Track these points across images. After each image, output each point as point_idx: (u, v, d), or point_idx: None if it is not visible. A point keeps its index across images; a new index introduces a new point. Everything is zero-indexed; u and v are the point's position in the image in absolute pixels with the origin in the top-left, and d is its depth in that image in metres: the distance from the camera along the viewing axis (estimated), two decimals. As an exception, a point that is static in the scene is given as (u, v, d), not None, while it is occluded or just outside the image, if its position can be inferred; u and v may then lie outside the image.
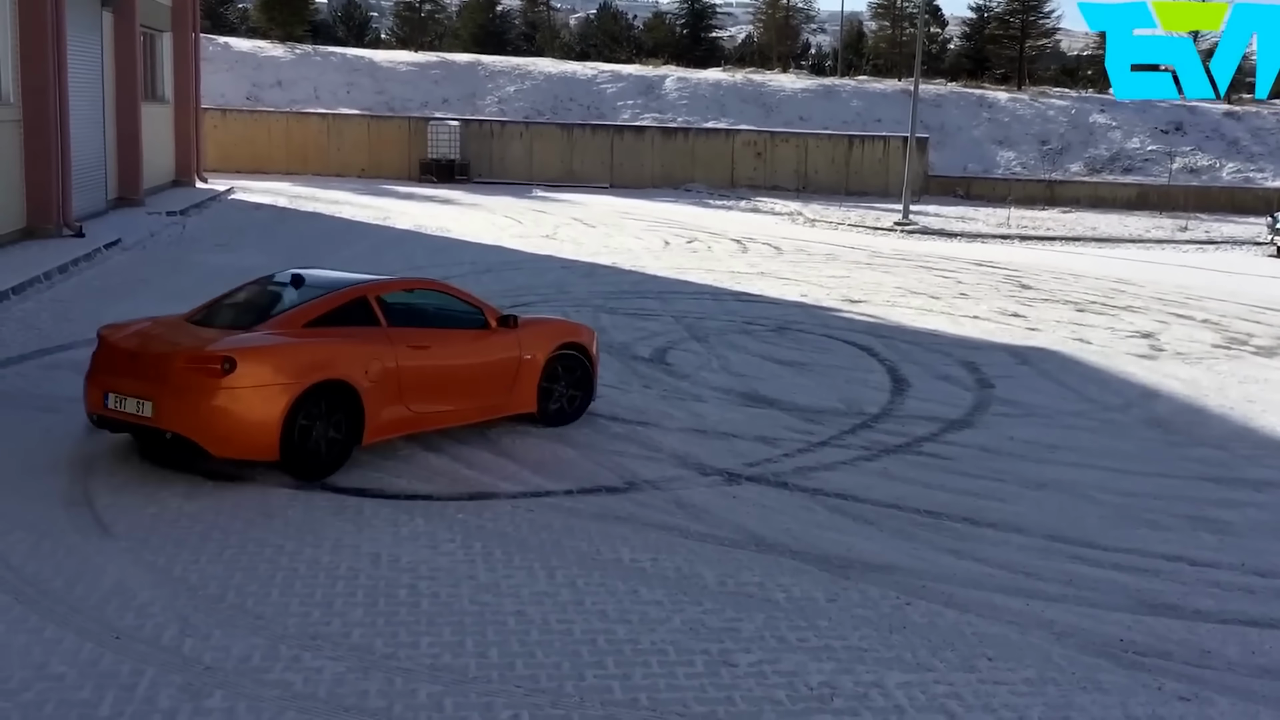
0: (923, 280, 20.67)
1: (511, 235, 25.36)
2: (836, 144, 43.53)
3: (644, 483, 8.53)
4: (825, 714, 5.27)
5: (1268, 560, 7.47)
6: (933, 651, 5.93)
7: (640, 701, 5.31)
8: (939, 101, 46.82)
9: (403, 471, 8.56)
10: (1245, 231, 32.72)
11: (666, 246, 24.50)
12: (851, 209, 35.71)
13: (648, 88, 47.44)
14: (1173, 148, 44.75)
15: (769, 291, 18.45)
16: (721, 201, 37.45)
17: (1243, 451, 10.18)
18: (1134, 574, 7.14)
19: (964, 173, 43.78)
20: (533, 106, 45.72)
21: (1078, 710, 5.39)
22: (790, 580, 6.79)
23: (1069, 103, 49.03)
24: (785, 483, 8.67)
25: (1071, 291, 19.94)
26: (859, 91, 48.70)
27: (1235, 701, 5.54)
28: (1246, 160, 45.20)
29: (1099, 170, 44.51)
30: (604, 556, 7.04)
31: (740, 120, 45.07)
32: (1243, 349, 14.95)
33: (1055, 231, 32.05)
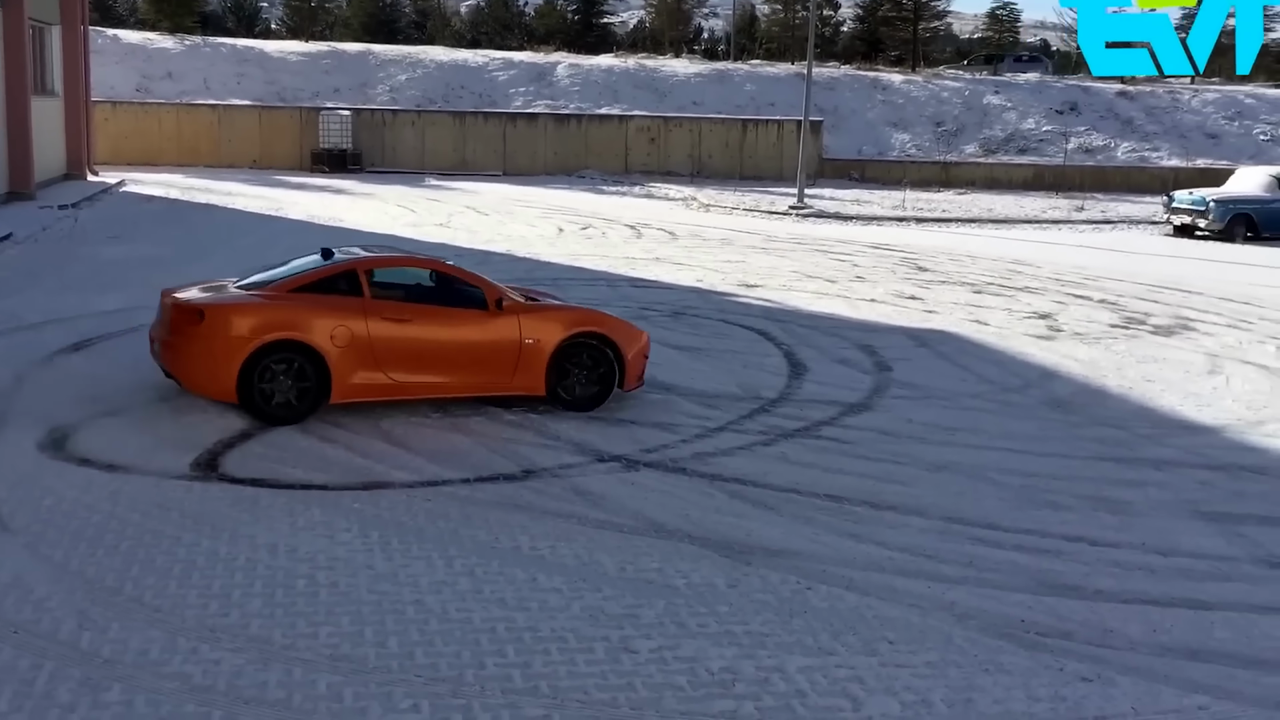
0: (819, 264, 20.76)
1: (405, 224, 24.94)
2: (730, 128, 43.68)
3: (542, 470, 8.37)
4: (727, 699, 5.17)
5: (1168, 539, 7.54)
6: (834, 635, 5.87)
7: (541, 689, 5.18)
8: (833, 84, 47.24)
9: (298, 461, 8.35)
10: (1141, 211, 33.52)
11: (561, 233, 24.31)
12: (746, 193, 35.83)
13: (540, 75, 47.14)
14: (1068, 128, 45.68)
15: (664, 277, 18.37)
16: (616, 188, 37.34)
17: (1142, 431, 10.31)
18: (1035, 555, 7.16)
19: (859, 155, 44.23)
20: (424, 95, 45.17)
21: (980, 692, 5.36)
22: (690, 566, 6.69)
23: (963, 84, 49.83)
24: (684, 468, 8.57)
25: (968, 273, 20.17)
26: (752, 75, 48.93)
27: (1137, 681, 5.55)
28: (1141, 140, 46.36)
29: (994, 151, 45.28)
30: (502, 545, 6.89)
31: (633, 106, 45.01)
32: (1140, 328, 15.22)
33: (951, 213, 32.47)
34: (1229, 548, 7.43)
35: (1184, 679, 5.60)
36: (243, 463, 8.26)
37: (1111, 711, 5.25)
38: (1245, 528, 7.80)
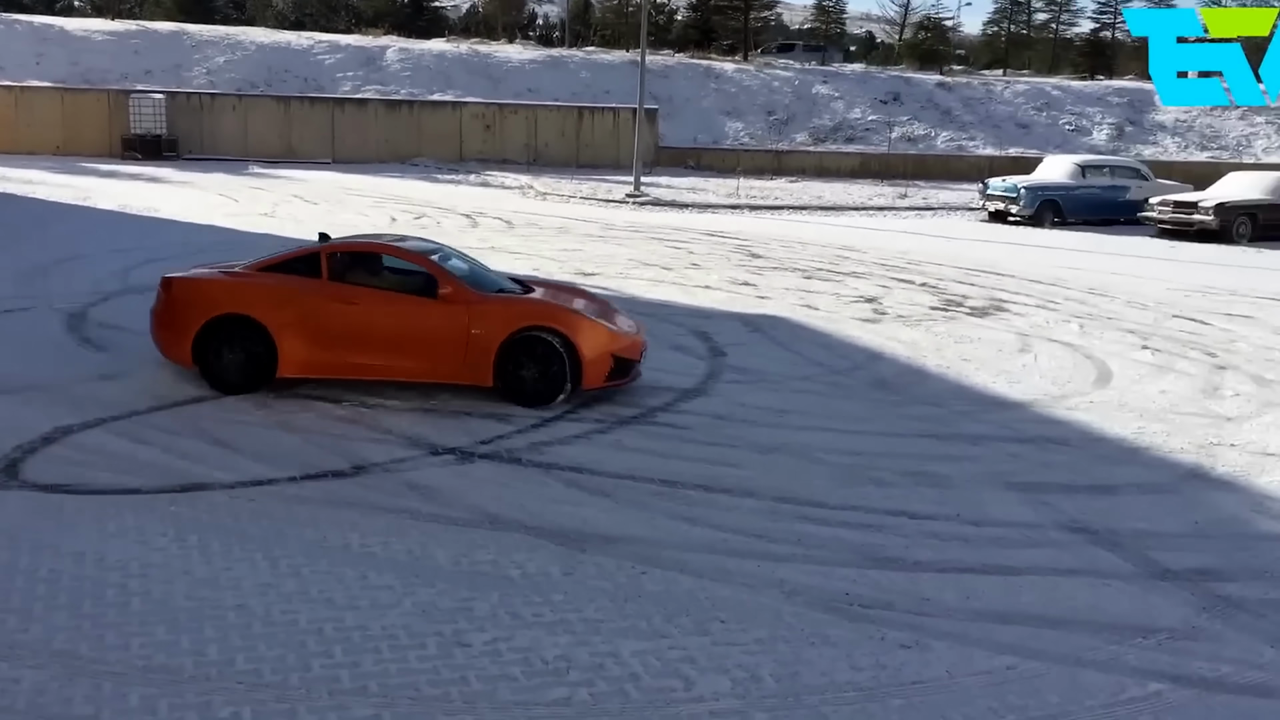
0: (655, 251, 20.95)
1: (226, 214, 24.26)
2: (566, 116, 43.71)
3: (372, 465, 8.27)
4: (561, 687, 5.22)
5: (981, 510, 7.86)
6: (667, 618, 5.97)
7: (370, 688, 5.13)
8: (667, 73, 47.65)
9: (108, 465, 8.04)
10: (959, 198, 34.74)
11: (393, 223, 23.97)
12: (583, 181, 35.92)
13: (368, 59, 46.35)
14: (891, 118, 47.07)
15: (501, 266, 18.13)
16: (450, 176, 37.01)
17: (958, 408, 10.69)
18: (859, 530, 7.38)
19: (694, 144, 44.76)
20: (245, 79, 43.94)
21: (806, 665, 5.53)
22: (525, 556, 6.70)
23: (793, 74, 50.78)
24: (519, 459, 8.57)
25: (799, 259, 20.60)
26: (587, 63, 49.03)
27: (952, 645, 5.80)
28: (959, 129, 48.00)
29: (823, 140, 46.36)
30: (331, 543, 6.78)
31: (467, 92, 44.65)
32: (958, 310, 15.76)
33: (783, 201, 33.14)
34: (1036, 516, 7.79)
35: (994, 641, 5.86)
36: (45, 468, 7.89)
37: (928, 675, 5.47)
38: (1050, 496, 8.18)
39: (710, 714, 5.05)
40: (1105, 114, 50.58)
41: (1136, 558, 7.09)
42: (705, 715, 5.04)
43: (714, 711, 5.07)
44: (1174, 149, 48.18)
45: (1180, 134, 49.54)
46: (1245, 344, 13.97)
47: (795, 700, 5.20)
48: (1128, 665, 5.69)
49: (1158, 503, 8.20)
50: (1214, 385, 11.79)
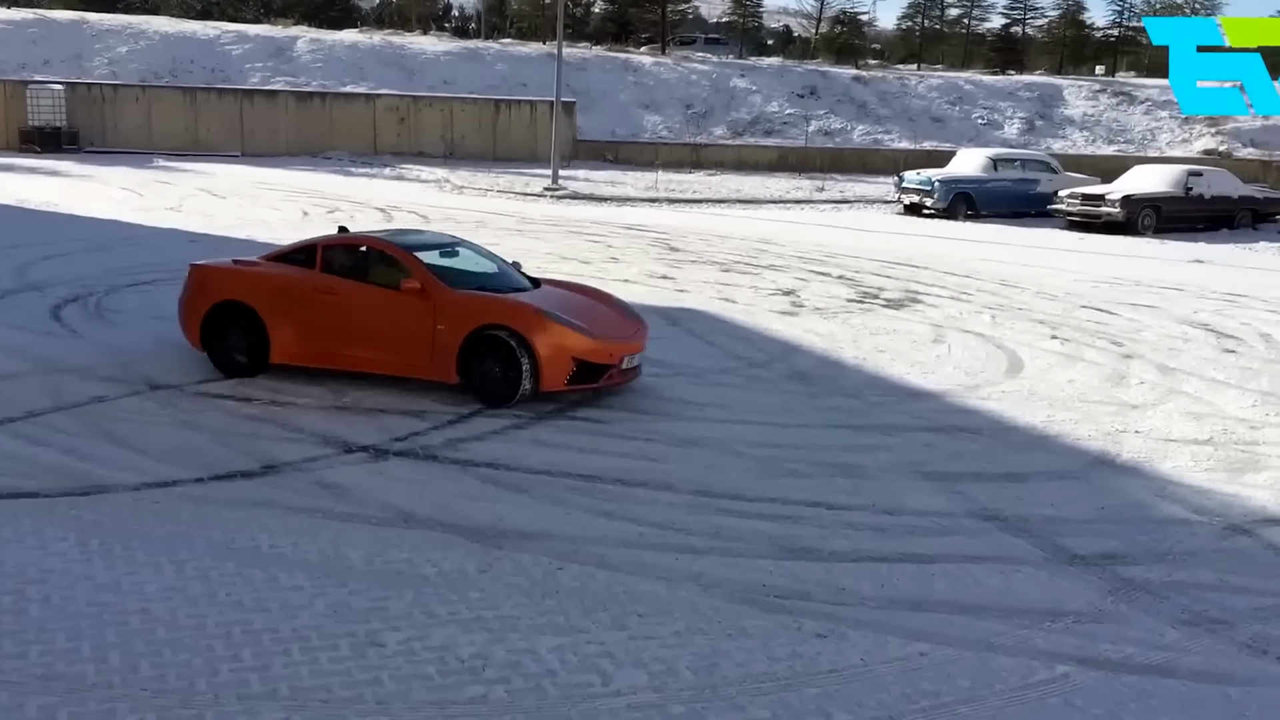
0: (573, 245, 20.89)
1: (131, 209, 23.75)
2: (483, 109, 43.42)
3: (283, 465, 8.12)
4: (477, 685, 5.16)
5: (896, 499, 7.93)
6: (585, 613, 5.94)
7: (280, 692, 5.02)
8: (585, 65, 47.54)
9: (4, 468, 7.81)
10: (875, 191, 35.11)
11: (306, 218, 23.64)
12: (500, 175, 35.72)
13: (278, 50, 45.60)
14: (808, 111, 47.44)
15: (416, 260, 18.07)
16: (365, 169, 36.60)
17: (874, 399, 10.78)
18: (776, 521, 7.41)
19: (612, 137, 44.72)
20: (149, 69, 43.00)
21: (723, 657, 5.53)
22: (440, 554, 6.63)
23: (711, 67, 50.96)
24: (435, 456, 8.48)
25: (717, 252, 20.65)
26: (504, 55, 48.76)
27: (867, 634, 5.84)
28: (874, 123, 48.53)
29: (741, 133, 46.60)
30: (240, 545, 6.64)
31: (381, 84, 44.16)
32: (874, 302, 15.91)
33: (701, 194, 33.23)
34: (948, 504, 7.88)
35: (908, 629, 5.92)
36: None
37: (843, 664, 5.51)
38: (962, 485, 8.29)
39: (628, 708, 5.03)
40: (1016, 108, 51.45)
41: (1045, 543, 7.20)
42: (623, 709, 5.02)
43: (631, 705, 5.05)
44: (1082, 143, 49.15)
45: (1088, 128, 50.55)
46: (1150, 333, 14.28)
47: (713, 692, 5.20)
48: (1036, 649, 5.77)
49: (1066, 489, 8.34)
50: (1120, 374, 12.03)
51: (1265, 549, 7.34)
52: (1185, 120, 50.52)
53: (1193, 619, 6.19)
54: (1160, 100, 51.88)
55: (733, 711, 5.04)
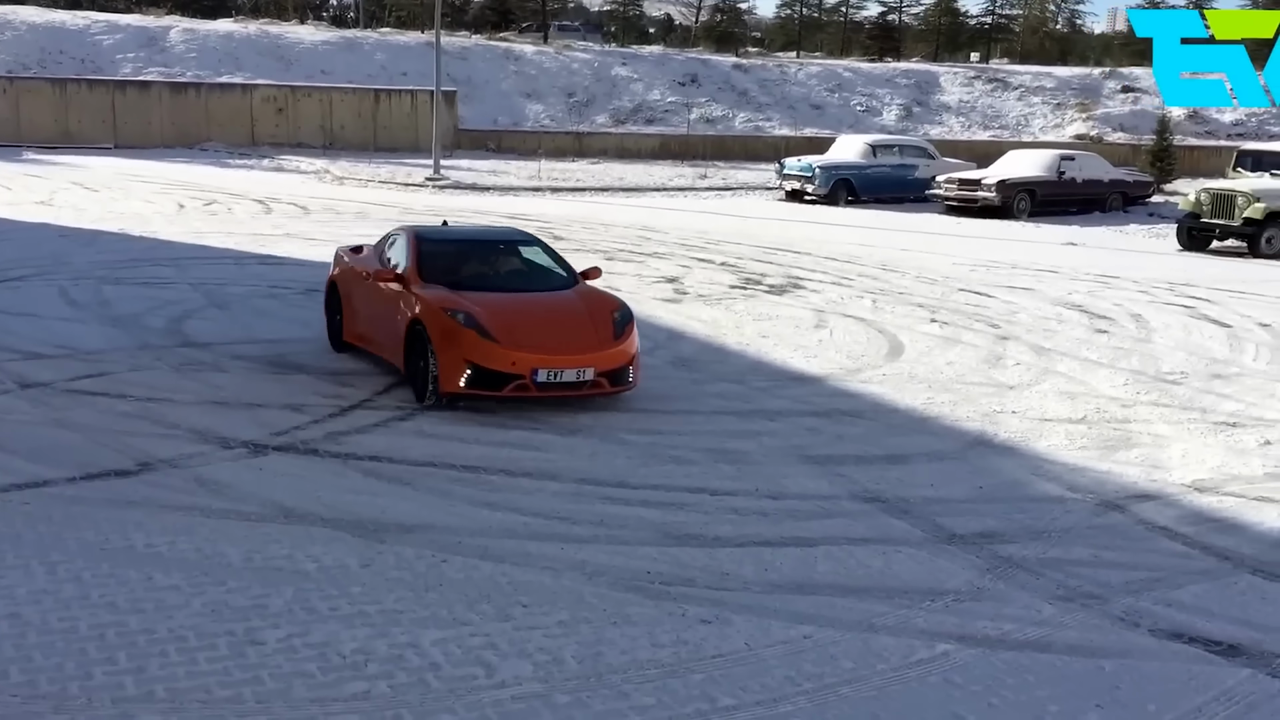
0: (454, 235, 20.68)
1: None
2: (363, 99, 42.81)
3: (159, 462, 7.91)
4: (359, 681, 5.09)
5: (779, 484, 8.01)
6: (469, 605, 5.89)
7: (157, 694, 4.89)
8: (465, 54, 47.14)
9: None
10: (757, 178, 35.44)
11: (182, 210, 23.09)
12: (382, 165, 35.27)
13: (151, 40, 44.40)
14: (690, 99, 47.63)
15: (296, 253, 17.81)
16: (242, 161, 35.83)
17: (758, 384, 10.87)
18: (660, 509, 7.43)
19: (494, 126, 44.44)
20: (16, 60, 41.57)
21: (608, 645, 5.53)
22: (322, 549, 6.52)
23: (592, 55, 50.91)
24: (316, 450, 8.35)
25: (601, 241, 20.65)
26: (383, 44, 48.11)
27: (750, 618, 5.88)
28: (755, 110, 48.91)
29: (623, 121, 46.63)
30: (114, 545, 6.45)
31: (257, 75, 43.23)
32: (757, 288, 16.06)
33: (585, 182, 33.21)
34: (831, 488, 8.00)
35: (792, 612, 5.98)
36: None
37: (727, 649, 5.54)
38: (845, 468, 8.42)
39: (513, 699, 5.01)
40: (894, 95, 52.30)
41: (925, 524, 7.35)
42: (508, 701, 4.99)
43: (516, 696, 5.03)
44: (958, 128, 50.18)
45: (964, 114, 51.63)
46: (1025, 315, 14.67)
47: (598, 680, 5.20)
48: (917, 628, 5.88)
49: (945, 470, 8.51)
50: (997, 355, 12.34)
51: (1137, 524, 7.55)
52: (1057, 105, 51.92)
53: (1068, 594, 6.36)
54: (1033, 86, 53.20)
55: (618, 699, 5.04)
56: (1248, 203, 21.70)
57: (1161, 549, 7.14)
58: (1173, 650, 5.76)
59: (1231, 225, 22.04)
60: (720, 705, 5.04)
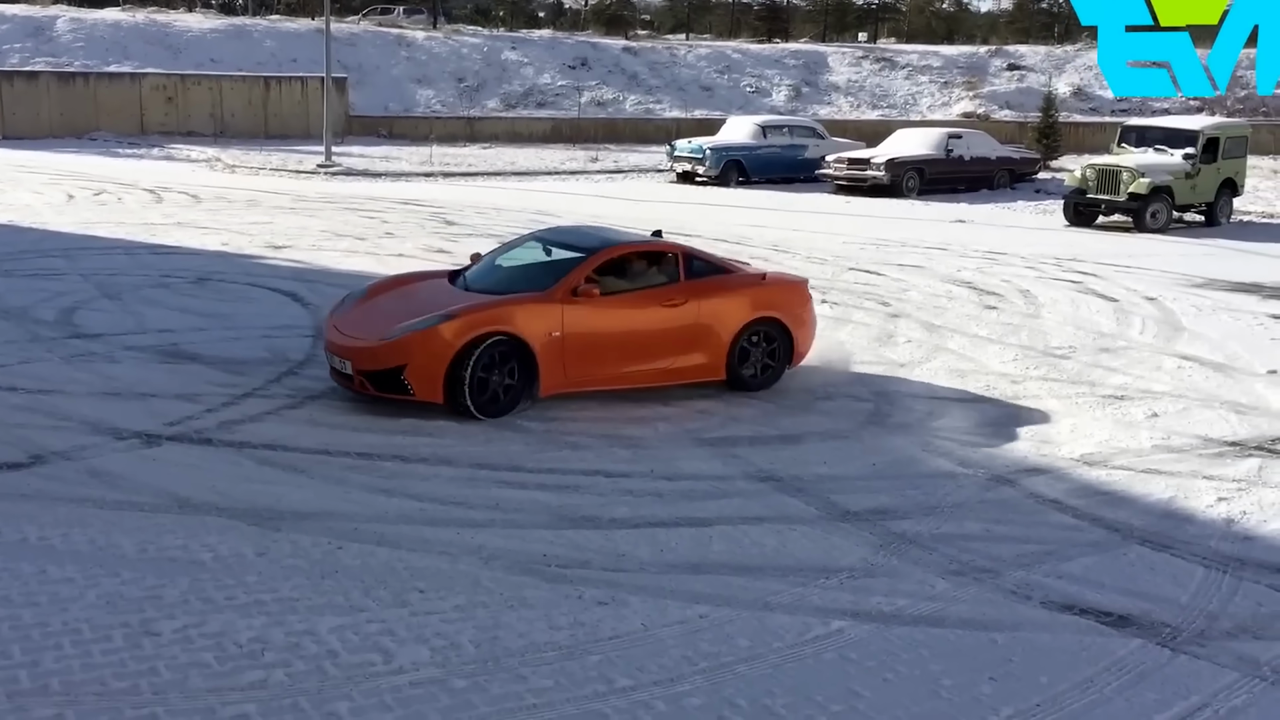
0: (348, 222, 20.53)
1: (-124, 196, 22.18)
2: (253, 86, 42.00)
3: (51, 454, 7.80)
4: (256, 670, 5.10)
5: (674, 466, 8.13)
6: (365, 592, 5.92)
7: (51, 687, 4.86)
8: (355, 41, 46.49)
9: None
10: (649, 160, 35.51)
11: (71, 200, 22.52)
12: (273, 152, 34.72)
13: (37, 29, 43.06)
14: (580, 83, 47.52)
15: (187, 242, 17.51)
16: (132, 150, 34.98)
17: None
18: (556, 492, 7.52)
19: (386, 112, 43.91)
20: (-107, 49, 40.02)
21: (505, 628, 5.60)
22: (217, 539, 6.50)
23: (482, 40, 50.53)
24: (209, 439, 8.29)
25: (494, 225, 20.53)
26: (272, 31, 47.25)
27: (646, 599, 5.99)
28: (646, 93, 48.92)
29: (514, 106, 46.36)
30: (6, 538, 6.37)
31: (146, 63, 42.16)
32: (648, 271, 16.12)
33: (477, 167, 33.02)
34: (725, 468, 8.15)
35: (687, 591, 6.10)
36: None
37: (624, 630, 5.65)
38: (739, 449, 8.58)
39: (410, 685, 5.05)
40: (783, 76, 52.63)
41: (819, 502, 7.52)
42: (405, 686, 5.04)
43: (414, 682, 5.08)
44: (847, 108, 50.70)
45: (853, 94, 52.17)
46: (916, 292, 14.98)
47: (495, 664, 5.26)
48: (812, 605, 6.02)
49: (839, 449, 8.70)
50: (888, 333, 12.60)
51: (1027, 498, 7.79)
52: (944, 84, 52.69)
53: (960, 569, 6.55)
54: (920, 65, 53.92)
55: (515, 682, 5.11)
56: (1132, 178, 22.33)
57: (1052, 522, 7.37)
58: (1064, 622, 5.95)
59: (1117, 200, 22.65)
60: (618, 686, 5.13)
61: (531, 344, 9.00)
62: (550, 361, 9.08)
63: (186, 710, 4.76)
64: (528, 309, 9.18)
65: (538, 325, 9.06)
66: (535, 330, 9.04)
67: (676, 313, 9.70)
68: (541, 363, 9.04)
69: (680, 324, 9.70)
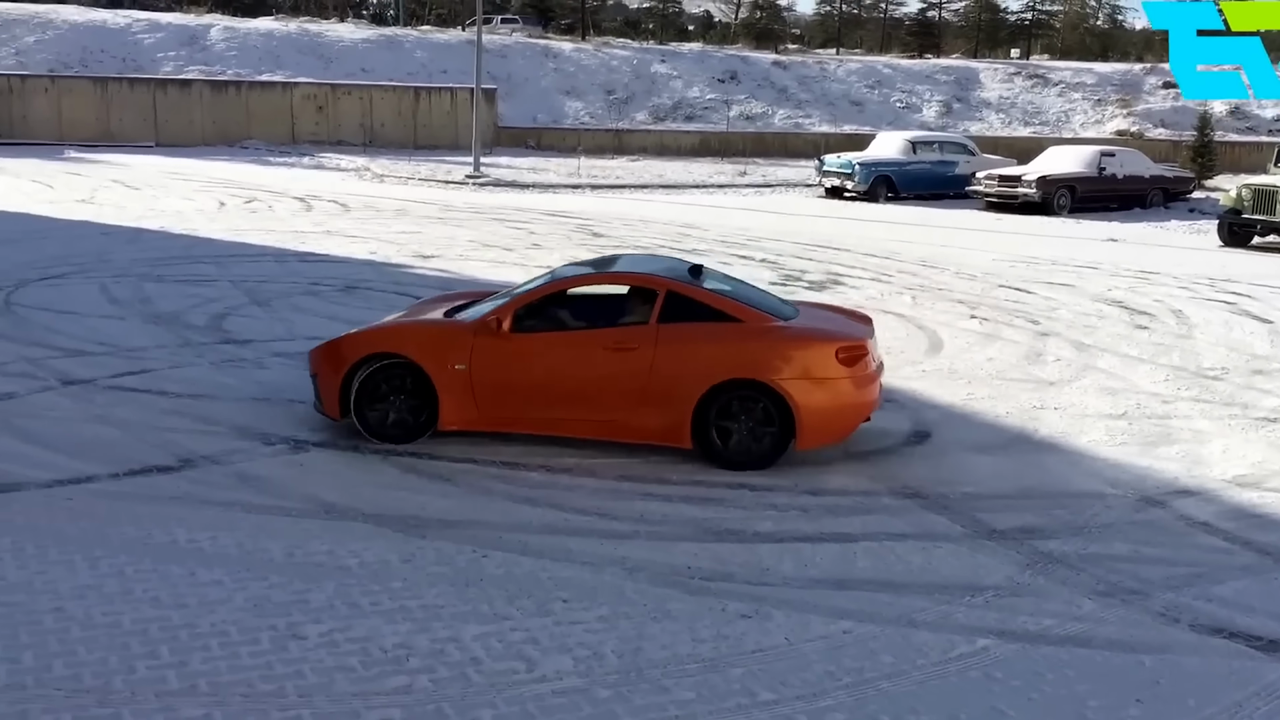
0: (496, 233, 20.77)
1: (41, 201, 23.26)
2: (403, 96, 43.03)
3: (201, 459, 7.98)
4: (400, 675, 5.11)
5: (818, 480, 7.98)
6: (509, 600, 5.90)
7: (199, 688, 4.94)
8: (505, 52, 47.29)
9: (-91, 469, 7.59)
10: (797, 175, 35.31)
11: (222, 208, 23.28)
12: (422, 163, 35.44)
13: (191, 38, 44.83)
14: (729, 96, 47.59)
15: (336, 250, 17.92)
16: (282, 159, 36.11)
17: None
18: (700, 505, 7.42)
19: (534, 124, 44.57)
20: (58, 59, 42.08)
21: (649, 640, 5.53)
22: (363, 545, 6.55)
23: (631, 53, 50.94)
24: (356, 447, 8.38)
25: (641, 237, 20.62)
26: (423, 42, 48.33)
27: (790, 613, 5.87)
28: (795, 107, 48.78)
29: (663, 119, 46.66)
30: (156, 540, 6.51)
31: (298, 73, 43.56)
32: (797, 285, 15.97)
33: (624, 180, 33.21)
34: (870, 484, 7.97)
35: (831, 607, 5.97)
36: None
37: (767, 644, 5.53)
38: (884, 464, 8.38)
39: (553, 693, 5.01)
40: (934, 91, 51.97)
41: (965, 519, 7.30)
42: (548, 695, 5.00)
43: (557, 691, 5.04)
44: (998, 124, 49.80)
45: (1004, 110, 51.22)
46: (1066, 311, 14.53)
47: (638, 675, 5.19)
48: (957, 623, 5.85)
49: (985, 466, 8.45)
50: (1037, 351, 12.23)
51: (1177, 520, 7.49)
52: (1098, 101, 51.41)
53: (1108, 590, 6.31)
54: (1073, 82, 52.70)
55: (658, 694, 5.04)
56: (1290, 198, 21.44)
57: (1202, 544, 7.09)
58: (1213, 645, 5.73)
59: (1273, 221, 21.76)
60: (760, 700, 5.03)
61: (429, 372, 8.28)
62: (453, 394, 8.30)
63: (332, 714, 4.79)
64: (432, 335, 8.62)
65: (441, 354, 8.34)
66: (435, 359, 8.31)
67: (625, 360, 8.19)
68: (441, 394, 8.29)
69: (628, 373, 8.17)
